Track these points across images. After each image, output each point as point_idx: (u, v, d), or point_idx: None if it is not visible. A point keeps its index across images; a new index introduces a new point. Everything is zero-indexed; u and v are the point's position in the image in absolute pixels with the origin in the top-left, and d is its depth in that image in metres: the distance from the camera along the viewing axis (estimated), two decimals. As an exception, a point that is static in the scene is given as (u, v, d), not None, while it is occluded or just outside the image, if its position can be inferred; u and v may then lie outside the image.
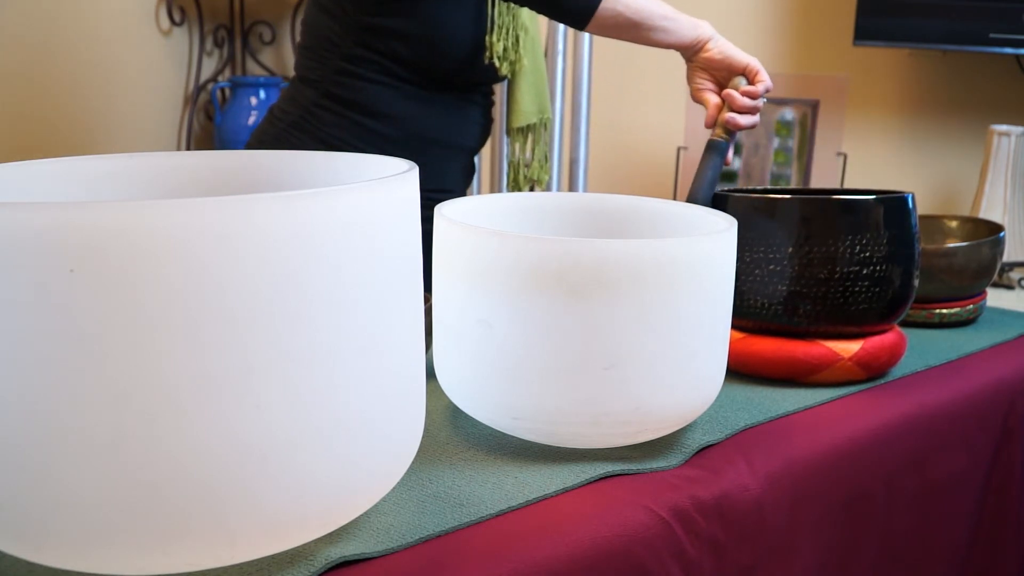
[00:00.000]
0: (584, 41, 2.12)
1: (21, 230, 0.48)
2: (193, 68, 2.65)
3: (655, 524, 0.72)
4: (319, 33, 1.39)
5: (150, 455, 0.51)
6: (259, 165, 0.77)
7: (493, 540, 0.66)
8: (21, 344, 0.49)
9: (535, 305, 0.72)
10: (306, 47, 1.42)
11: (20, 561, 0.60)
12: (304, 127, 1.40)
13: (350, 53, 1.36)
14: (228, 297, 0.51)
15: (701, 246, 0.75)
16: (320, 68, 1.39)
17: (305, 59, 1.42)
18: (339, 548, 0.62)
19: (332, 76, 1.38)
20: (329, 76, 1.38)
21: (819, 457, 0.87)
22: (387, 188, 0.58)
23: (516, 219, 0.92)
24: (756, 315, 1.00)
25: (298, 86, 1.43)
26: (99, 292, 0.49)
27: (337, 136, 1.39)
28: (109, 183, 0.73)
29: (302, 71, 1.42)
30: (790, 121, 2.10)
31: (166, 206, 0.48)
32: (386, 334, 0.59)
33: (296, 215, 0.52)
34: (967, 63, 1.92)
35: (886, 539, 0.95)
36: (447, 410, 0.89)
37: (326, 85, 1.38)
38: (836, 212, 0.97)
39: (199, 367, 0.51)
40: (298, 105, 1.41)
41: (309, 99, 1.40)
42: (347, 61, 1.36)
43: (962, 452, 1.03)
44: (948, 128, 1.98)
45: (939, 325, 1.25)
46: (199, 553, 0.55)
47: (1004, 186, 1.71)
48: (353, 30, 1.35)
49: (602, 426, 0.75)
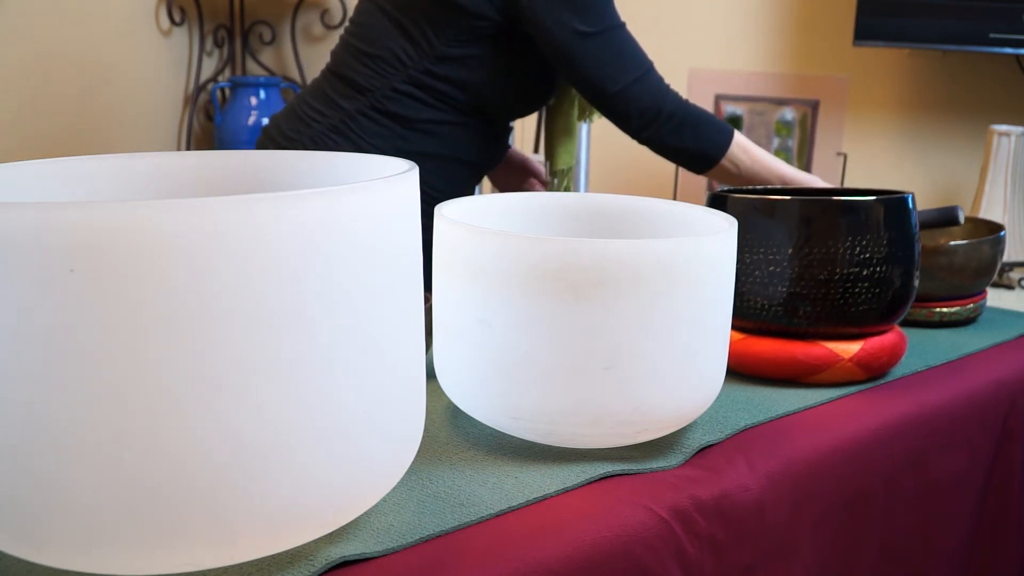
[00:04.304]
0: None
1: (21, 230, 0.48)
2: (193, 68, 2.65)
3: (655, 524, 0.72)
4: (386, 46, 1.37)
5: (150, 455, 0.51)
6: (259, 165, 0.77)
7: (493, 540, 0.66)
8: (21, 344, 0.49)
9: (535, 305, 0.72)
10: (363, 53, 1.39)
11: (20, 561, 0.60)
12: (344, 132, 1.38)
13: (417, 78, 1.35)
14: (228, 297, 0.51)
15: (701, 246, 0.75)
16: (377, 80, 1.37)
17: (359, 64, 1.39)
18: (339, 548, 0.62)
19: (389, 91, 1.37)
20: (386, 90, 1.37)
21: (819, 457, 0.87)
22: (387, 188, 0.58)
23: (516, 219, 0.92)
24: (756, 316, 1.00)
25: (341, 88, 1.40)
26: (99, 292, 0.49)
27: (376, 146, 1.38)
28: (109, 183, 0.73)
29: (351, 74, 1.40)
30: (790, 121, 2.10)
31: (166, 206, 0.48)
32: (386, 334, 0.59)
33: (296, 215, 0.52)
34: (967, 63, 1.92)
35: (886, 539, 0.95)
36: (447, 410, 0.89)
37: (379, 97, 1.37)
38: (836, 213, 0.97)
39: (199, 367, 0.51)
40: (338, 108, 1.39)
41: (355, 106, 1.38)
42: (411, 83, 1.36)
43: (962, 452, 1.03)
44: (948, 128, 1.98)
45: (939, 324, 1.25)
46: (199, 553, 0.55)
47: (1004, 186, 1.71)
48: (428, 58, 1.34)
49: (602, 426, 0.75)
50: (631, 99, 1.33)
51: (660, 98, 1.34)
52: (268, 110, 2.57)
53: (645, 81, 1.34)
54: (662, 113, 1.34)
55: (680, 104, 1.36)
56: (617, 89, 1.33)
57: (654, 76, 1.36)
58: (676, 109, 1.35)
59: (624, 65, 1.32)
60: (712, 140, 1.37)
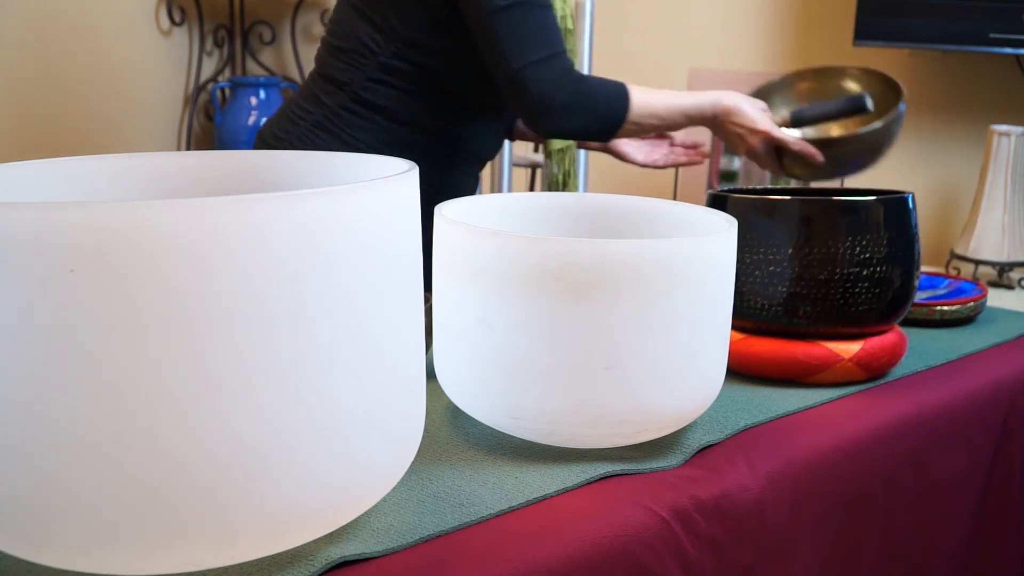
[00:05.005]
0: (584, 40, 2.12)
1: (21, 230, 0.48)
2: (193, 68, 2.65)
3: (655, 524, 0.72)
4: (356, 37, 1.38)
5: (150, 455, 0.51)
6: (259, 165, 0.77)
7: (493, 540, 0.66)
8: (21, 344, 0.49)
9: (535, 305, 0.72)
10: (338, 48, 1.40)
11: (20, 561, 0.60)
12: (329, 128, 1.39)
13: (387, 63, 1.35)
14: (228, 297, 0.51)
15: (701, 246, 0.75)
16: (352, 72, 1.38)
17: (335, 60, 1.40)
18: (339, 548, 0.62)
19: (364, 82, 1.37)
20: (361, 81, 1.37)
21: (819, 457, 0.87)
22: (387, 188, 0.58)
23: (516, 219, 0.92)
24: (756, 316, 1.00)
25: (323, 86, 1.41)
26: (99, 292, 0.49)
27: (362, 140, 1.38)
28: (109, 183, 0.73)
29: (330, 71, 1.41)
30: (790, 121, 2.09)
31: (166, 206, 0.48)
32: (386, 334, 0.59)
33: (296, 215, 0.52)
34: (967, 63, 1.92)
35: (886, 539, 0.95)
36: (447, 410, 0.89)
37: (356, 89, 1.38)
38: (836, 213, 0.97)
39: (199, 367, 0.51)
40: (322, 105, 1.40)
41: (336, 101, 1.39)
42: (383, 71, 1.36)
43: (962, 452, 1.03)
44: (948, 128, 1.98)
45: (940, 323, 1.25)
46: (199, 553, 0.55)
47: (1004, 186, 1.71)
48: (395, 42, 1.34)
49: (602, 426, 0.75)
50: (531, 80, 1.29)
51: (558, 86, 1.30)
52: (268, 110, 2.58)
53: (551, 64, 1.30)
54: (556, 101, 1.30)
55: (575, 90, 1.31)
56: (520, 66, 1.29)
57: (561, 62, 1.31)
58: (571, 98, 1.31)
59: (534, 42, 1.29)
60: (609, 113, 1.34)
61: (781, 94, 1.61)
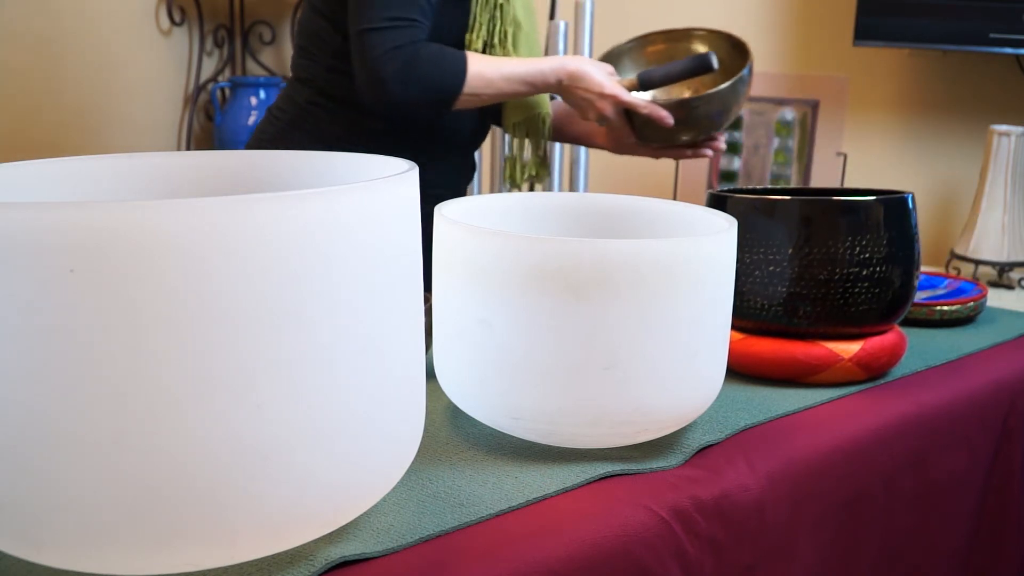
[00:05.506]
0: (584, 40, 2.12)
1: (21, 230, 0.48)
2: (193, 68, 2.65)
3: (655, 524, 0.72)
4: (311, 32, 1.40)
5: (150, 455, 0.51)
6: (259, 165, 0.77)
7: (493, 540, 0.66)
8: (21, 344, 0.49)
9: (535, 305, 0.72)
10: (300, 47, 1.44)
11: (20, 561, 0.60)
12: (302, 125, 1.41)
13: (340, 49, 1.36)
14: (228, 297, 0.51)
15: (701, 246, 0.75)
16: (313, 66, 1.40)
17: (299, 58, 1.44)
18: (339, 548, 0.62)
19: (324, 74, 1.39)
20: (321, 74, 1.39)
21: (819, 457, 0.87)
22: (387, 188, 0.58)
23: (516, 219, 0.92)
24: (756, 316, 1.00)
25: (294, 85, 1.44)
26: (99, 292, 0.49)
27: (334, 133, 1.39)
28: (109, 183, 0.73)
29: (297, 70, 1.44)
30: (790, 121, 2.10)
31: (166, 206, 0.49)
32: (386, 334, 0.59)
33: (296, 215, 0.52)
34: (967, 63, 1.92)
35: (886, 539, 0.95)
36: (447, 410, 0.89)
37: (319, 83, 1.40)
38: (836, 213, 0.97)
39: (199, 367, 0.51)
40: (294, 103, 1.43)
41: (304, 97, 1.41)
42: (336, 58, 1.37)
43: (962, 452, 1.03)
44: (948, 128, 1.98)
45: (939, 323, 1.25)
46: (199, 553, 0.55)
47: (1004, 186, 1.71)
48: (342, 26, 1.35)
49: (602, 426, 0.75)
50: (367, 46, 1.25)
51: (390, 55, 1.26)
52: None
53: (391, 32, 1.26)
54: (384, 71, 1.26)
55: (407, 60, 1.27)
56: (358, 29, 1.26)
57: (405, 32, 1.27)
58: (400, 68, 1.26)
59: (380, 6, 1.26)
60: (443, 84, 1.30)
61: (631, 58, 1.60)
